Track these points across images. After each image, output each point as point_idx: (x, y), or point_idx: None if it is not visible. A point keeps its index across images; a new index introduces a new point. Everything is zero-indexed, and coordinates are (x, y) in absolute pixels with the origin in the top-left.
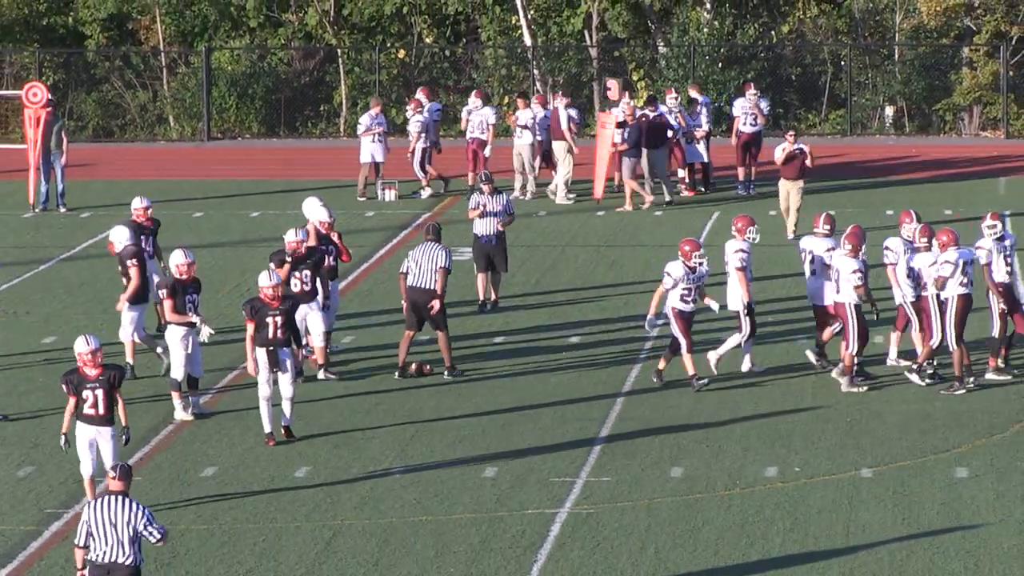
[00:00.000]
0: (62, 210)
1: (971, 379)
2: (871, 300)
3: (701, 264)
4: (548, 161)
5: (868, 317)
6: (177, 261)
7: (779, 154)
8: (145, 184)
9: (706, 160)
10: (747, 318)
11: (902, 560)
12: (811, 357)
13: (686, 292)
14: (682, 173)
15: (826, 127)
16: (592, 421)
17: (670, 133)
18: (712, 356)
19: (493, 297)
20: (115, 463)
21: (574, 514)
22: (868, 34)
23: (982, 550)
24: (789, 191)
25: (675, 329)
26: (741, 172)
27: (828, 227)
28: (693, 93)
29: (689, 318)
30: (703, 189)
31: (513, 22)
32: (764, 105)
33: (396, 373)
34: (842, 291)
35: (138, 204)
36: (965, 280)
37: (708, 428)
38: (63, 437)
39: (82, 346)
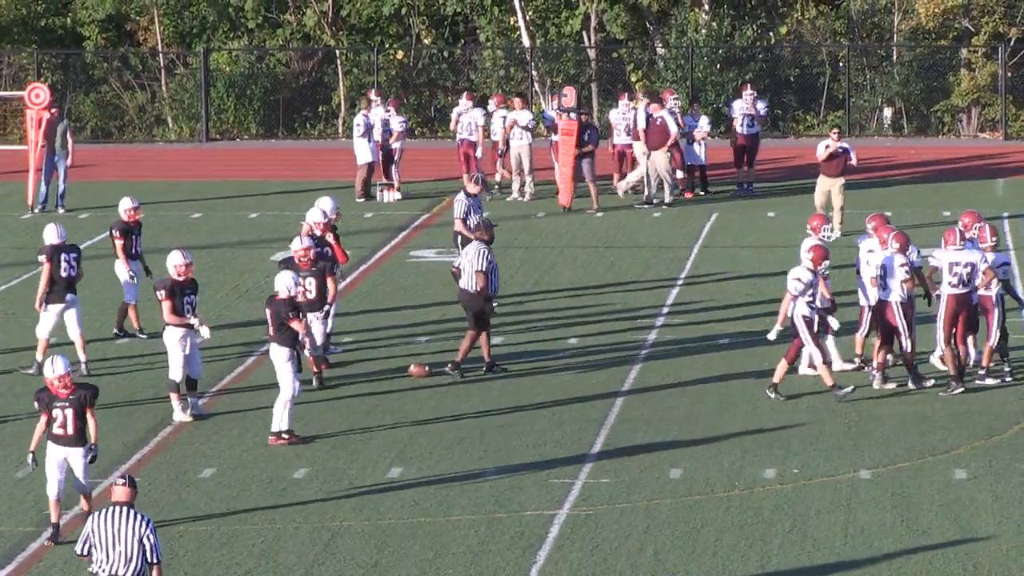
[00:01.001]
0: (61, 211)
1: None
2: (927, 291)
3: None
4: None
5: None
6: (175, 262)
7: (821, 151)
8: (143, 185)
9: (703, 163)
10: (832, 317)
11: (901, 562)
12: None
13: (812, 299)
14: (681, 175)
15: (824, 128)
16: (591, 422)
17: (673, 132)
18: (837, 366)
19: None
20: (121, 472)
21: (573, 515)
22: (866, 35)
23: (981, 552)
24: (829, 189)
25: (805, 338)
26: (739, 173)
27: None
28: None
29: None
30: (702, 192)
31: (511, 23)
32: (762, 107)
33: (449, 366)
34: (891, 288)
35: (128, 204)
36: (955, 280)
37: (707, 429)
38: (31, 455)
39: (49, 371)
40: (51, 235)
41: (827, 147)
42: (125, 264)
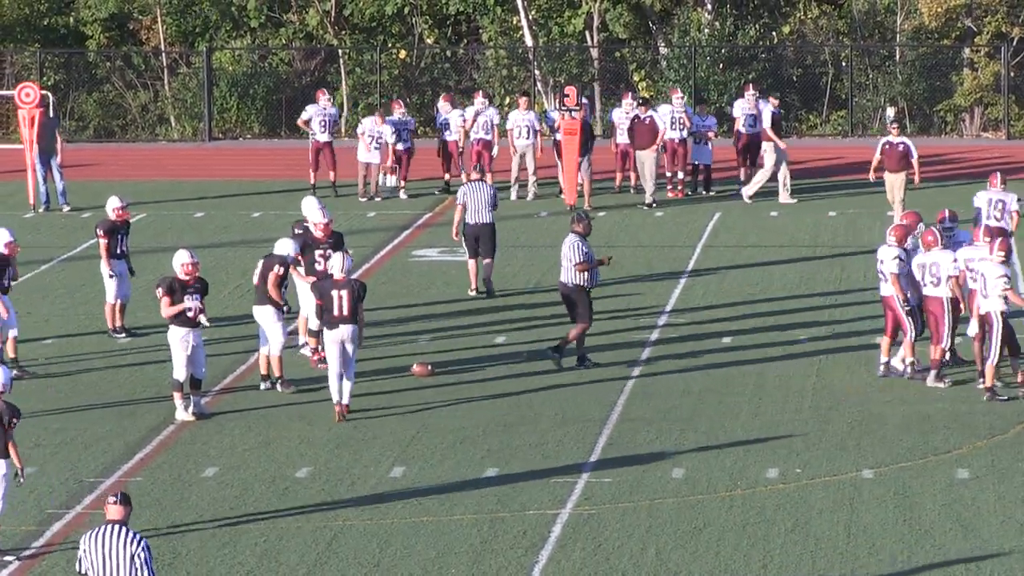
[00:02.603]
0: (65, 209)
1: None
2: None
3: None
4: (752, 161)
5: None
6: (182, 260)
7: (878, 154)
8: (146, 184)
9: (710, 162)
10: (908, 317)
11: (903, 561)
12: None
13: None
14: (680, 175)
15: (827, 128)
16: (593, 422)
17: (661, 132)
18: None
19: (484, 277)
20: (116, 490)
21: (575, 515)
22: (869, 35)
23: (983, 551)
24: (894, 184)
25: (998, 334)
26: (741, 173)
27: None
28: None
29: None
30: (705, 191)
31: (514, 23)
32: (764, 106)
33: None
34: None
35: (116, 203)
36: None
37: (709, 429)
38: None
39: None
40: None
41: (887, 145)
42: (107, 263)
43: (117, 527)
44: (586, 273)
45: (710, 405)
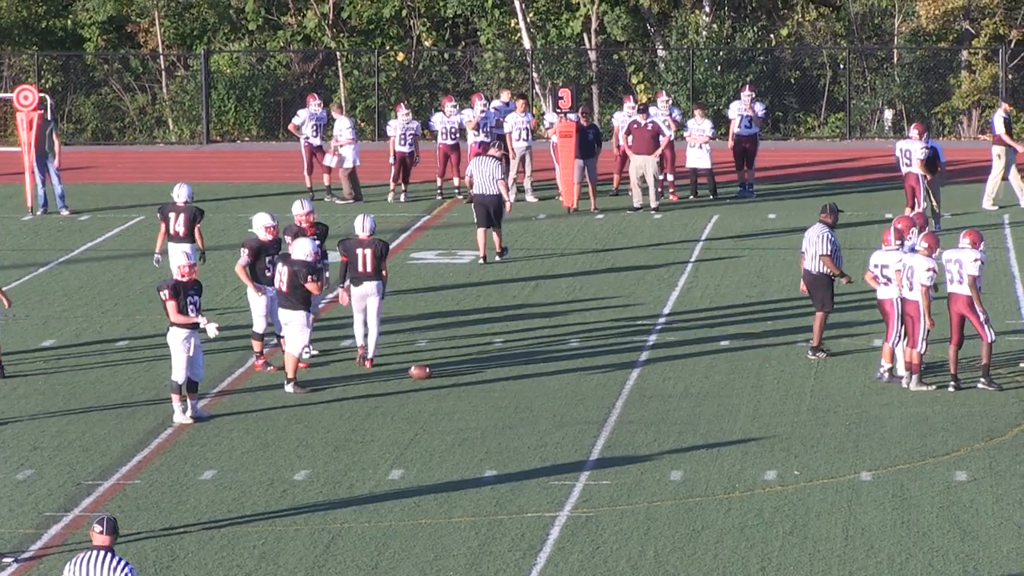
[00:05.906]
0: (64, 212)
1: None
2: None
3: None
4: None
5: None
6: (179, 262)
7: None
8: (144, 187)
9: (709, 166)
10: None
11: (901, 563)
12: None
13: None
14: (671, 177)
15: (825, 130)
16: (591, 424)
17: (662, 139)
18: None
19: (497, 248)
20: (102, 516)
21: (573, 517)
22: (866, 37)
23: (981, 553)
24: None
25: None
26: (738, 175)
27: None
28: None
29: None
30: (697, 196)
31: (512, 25)
32: (760, 108)
33: (810, 352)
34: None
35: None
36: (948, 278)
37: (707, 431)
38: None
39: None
40: None
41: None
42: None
43: (102, 552)
44: (831, 262)
45: (708, 407)
